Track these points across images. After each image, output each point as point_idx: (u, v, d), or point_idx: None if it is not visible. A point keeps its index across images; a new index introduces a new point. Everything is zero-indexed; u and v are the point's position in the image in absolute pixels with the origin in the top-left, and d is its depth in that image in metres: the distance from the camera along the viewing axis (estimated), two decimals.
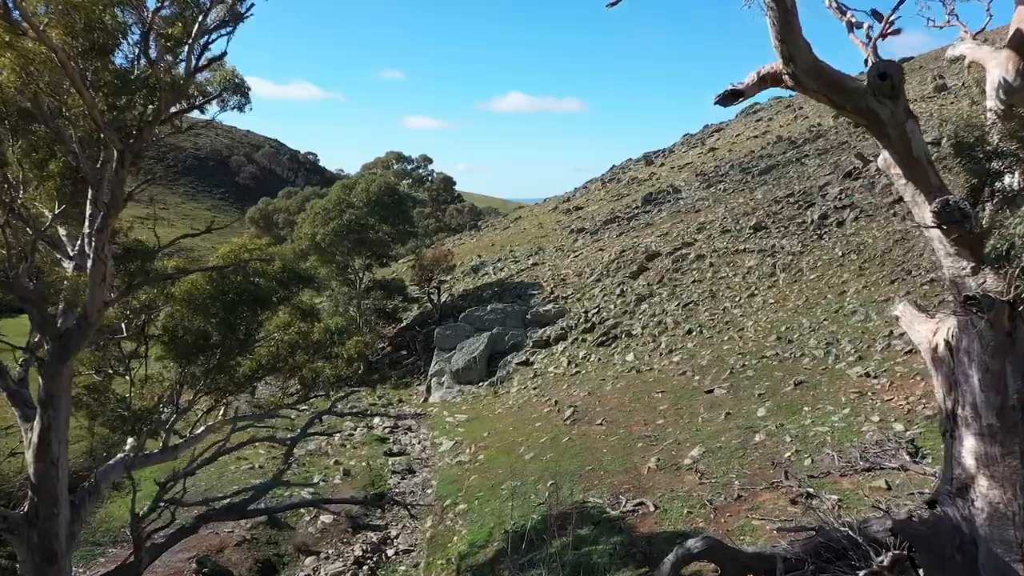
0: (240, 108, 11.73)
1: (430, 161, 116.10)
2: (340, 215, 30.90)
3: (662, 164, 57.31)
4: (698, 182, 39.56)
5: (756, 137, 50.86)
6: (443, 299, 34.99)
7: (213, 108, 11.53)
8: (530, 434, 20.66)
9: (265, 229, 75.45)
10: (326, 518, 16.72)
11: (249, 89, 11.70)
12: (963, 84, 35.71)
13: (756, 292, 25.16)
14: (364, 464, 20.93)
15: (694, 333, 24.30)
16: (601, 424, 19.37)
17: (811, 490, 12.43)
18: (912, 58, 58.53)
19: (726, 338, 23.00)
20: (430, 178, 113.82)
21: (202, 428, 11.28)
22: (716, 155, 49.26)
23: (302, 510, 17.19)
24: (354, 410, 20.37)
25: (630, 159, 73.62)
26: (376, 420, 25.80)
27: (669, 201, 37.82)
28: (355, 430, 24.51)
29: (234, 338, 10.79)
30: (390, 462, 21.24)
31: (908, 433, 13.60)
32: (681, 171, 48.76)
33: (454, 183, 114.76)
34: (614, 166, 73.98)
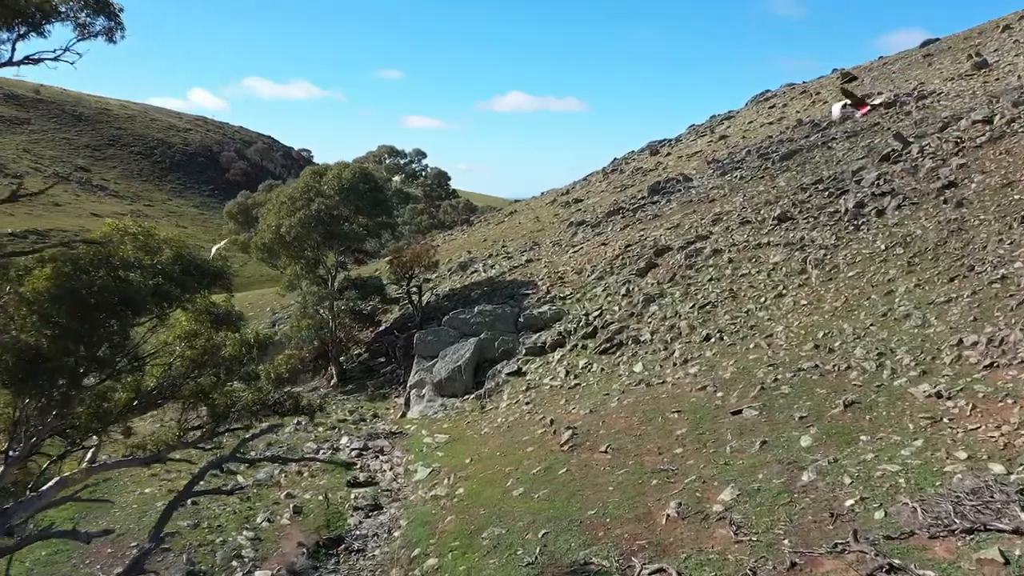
0: (109, 36, 8.67)
1: (424, 155, 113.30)
2: (308, 204, 27.78)
3: (668, 153, 54.21)
4: (711, 170, 36.51)
5: (771, 123, 47.84)
6: (426, 300, 31.92)
7: (68, 33, 8.46)
8: (520, 462, 17.64)
9: (244, 224, 72.29)
10: (262, 574, 13.64)
11: (121, 10, 8.65)
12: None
13: (785, 291, 22.12)
14: (321, 498, 17.86)
15: (713, 340, 21.26)
16: (605, 452, 16.34)
17: (895, 561, 9.38)
18: (937, 39, 55.57)
19: (752, 346, 19.96)
20: (424, 173, 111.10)
21: (50, 483, 8.22)
22: (728, 142, 46.23)
23: (234, 563, 14.12)
24: (275, 455, 17.04)
25: (632, 151, 70.53)
26: (343, 441, 22.79)
27: (679, 190, 34.76)
28: (316, 454, 21.44)
29: (91, 356, 7.77)
30: (353, 495, 18.20)
31: (1013, 478, 10.58)
32: (690, 160, 45.71)
33: (449, 178, 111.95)
34: (616, 158, 70.90)
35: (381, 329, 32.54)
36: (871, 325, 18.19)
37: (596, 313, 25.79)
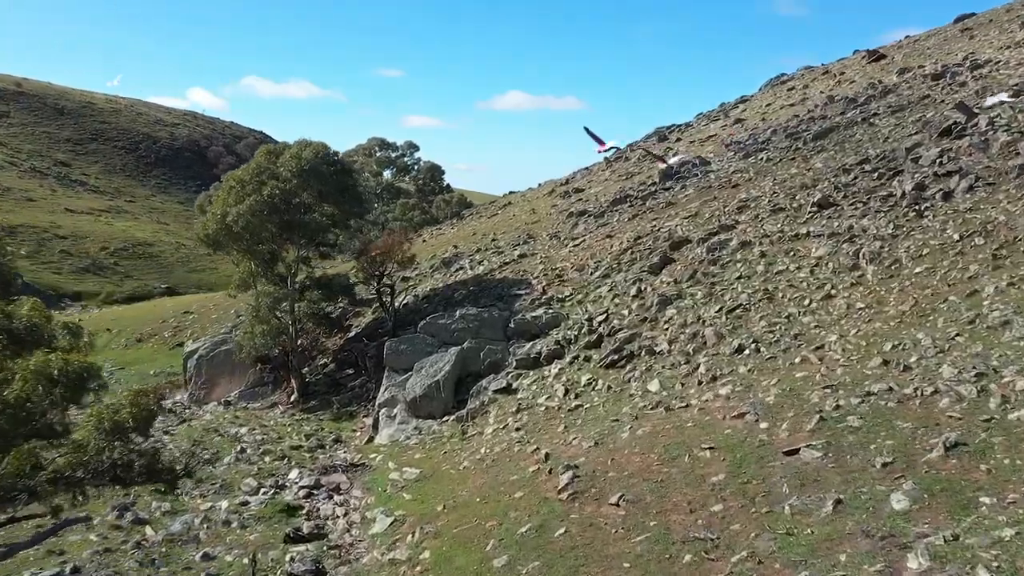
0: None
1: (416, 148, 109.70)
2: (259, 188, 24.04)
3: (678, 139, 50.55)
4: (732, 152, 32.82)
5: (792, 105, 44.14)
6: (404, 301, 28.20)
7: None
8: (505, 513, 13.99)
9: None
10: None
11: None
12: None
13: (834, 292, 18.49)
14: (247, 560, 14.13)
15: (747, 351, 17.62)
16: (617, 505, 12.68)
17: None
18: (973, 14, 51.93)
19: (798, 360, 16.33)
20: (416, 167, 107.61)
21: None
22: (746, 125, 42.55)
23: None
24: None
25: (637, 140, 66.63)
26: (293, 475, 19.18)
27: (696, 175, 31.08)
28: (254, 494, 17.72)
29: None
30: (290, 554, 14.52)
31: None
32: (704, 144, 42.02)
33: (442, 172, 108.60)
34: (618, 148, 66.99)
35: (350, 335, 28.82)
36: (956, 335, 14.53)
37: (601, 318, 22.14)
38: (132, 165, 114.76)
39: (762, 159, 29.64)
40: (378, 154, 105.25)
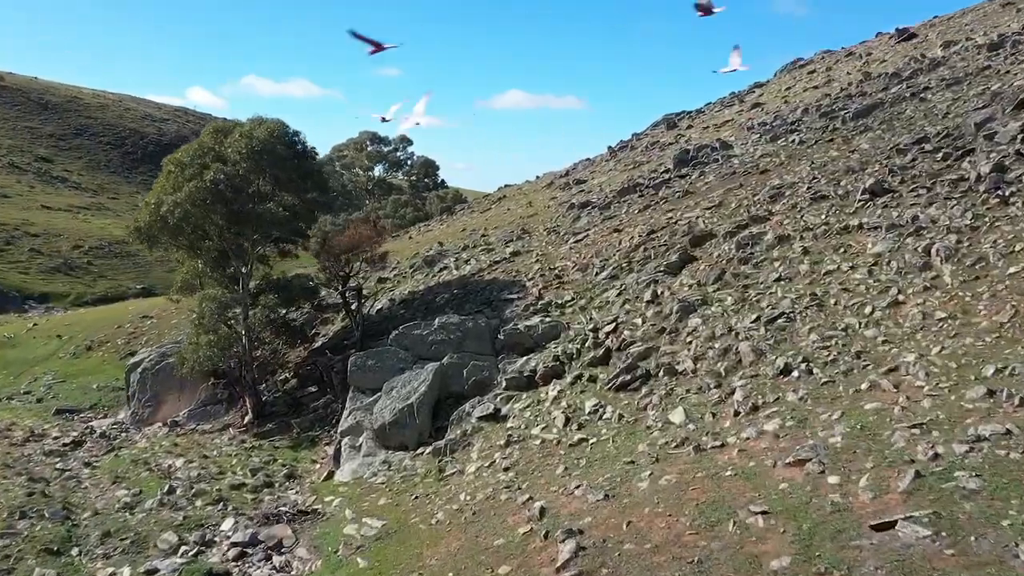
0: None
1: (410, 143, 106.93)
2: (200, 173, 20.62)
3: (690, 126, 47.11)
4: (757, 134, 29.39)
5: (817, 87, 40.72)
6: (379, 306, 24.74)
7: None
8: None
9: None
10: None
11: None
12: None
13: (903, 298, 15.11)
14: None
15: (796, 374, 14.23)
16: None
17: None
18: None
19: (864, 386, 12.97)
20: (409, 162, 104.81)
21: None
22: (766, 109, 39.10)
23: None
24: None
25: (641, 130, 63.11)
26: (226, 526, 15.88)
27: (716, 160, 27.65)
28: (171, 554, 14.28)
29: None
30: None
31: None
32: (719, 130, 38.60)
33: (437, 167, 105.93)
34: (622, 140, 63.53)
35: (316, 346, 25.36)
36: None
37: (609, 328, 18.76)
38: (117, 161, 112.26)
39: (793, 141, 26.22)
40: (369, 148, 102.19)
